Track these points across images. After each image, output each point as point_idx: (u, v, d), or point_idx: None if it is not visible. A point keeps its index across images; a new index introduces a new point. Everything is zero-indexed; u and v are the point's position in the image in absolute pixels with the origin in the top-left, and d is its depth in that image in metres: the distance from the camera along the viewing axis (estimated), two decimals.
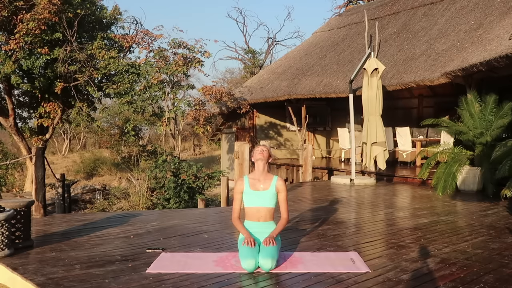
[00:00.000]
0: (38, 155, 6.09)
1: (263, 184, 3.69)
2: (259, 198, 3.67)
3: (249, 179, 3.73)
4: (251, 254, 3.33)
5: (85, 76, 10.17)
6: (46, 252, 3.90)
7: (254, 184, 3.69)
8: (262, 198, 3.67)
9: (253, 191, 3.67)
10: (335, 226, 5.05)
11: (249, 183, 3.71)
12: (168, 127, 12.59)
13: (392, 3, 13.41)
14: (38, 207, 5.73)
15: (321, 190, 8.40)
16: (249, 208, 3.69)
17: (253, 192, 3.67)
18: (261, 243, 3.50)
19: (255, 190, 3.67)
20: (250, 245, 3.40)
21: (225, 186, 10.27)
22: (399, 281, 3.14)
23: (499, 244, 4.18)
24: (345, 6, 22.65)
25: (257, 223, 3.67)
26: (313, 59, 13.78)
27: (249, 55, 28.25)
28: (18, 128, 11.78)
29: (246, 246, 3.40)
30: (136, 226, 5.10)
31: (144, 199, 12.40)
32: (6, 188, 14.70)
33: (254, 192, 3.67)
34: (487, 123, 7.54)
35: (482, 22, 9.36)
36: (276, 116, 14.92)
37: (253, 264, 3.30)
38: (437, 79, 8.81)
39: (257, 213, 3.67)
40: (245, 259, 3.32)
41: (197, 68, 11.23)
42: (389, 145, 10.86)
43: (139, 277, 3.23)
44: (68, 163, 23.76)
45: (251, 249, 3.38)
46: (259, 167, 3.71)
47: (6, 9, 9.41)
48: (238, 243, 3.63)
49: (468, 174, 7.59)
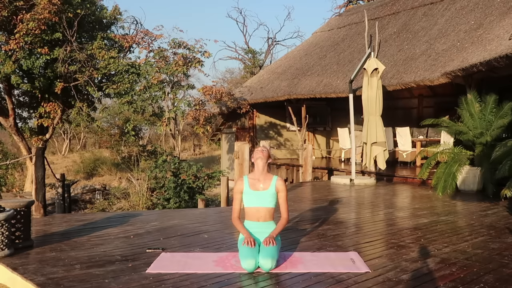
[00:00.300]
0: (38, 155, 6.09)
1: (262, 184, 3.68)
2: (259, 198, 3.66)
3: (249, 179, 3.72)
4: (251, 254, 3.33)
5: (85, 76, 10.17)
6: (46, 252, 3.90)
7: (254, 184, 3.69)
8: (261, 198, 3.66)
9: (253, 191, 3.67)
10: (335, 226, 5.05)
11: (249, 183, 3.70)
12: (168, 127, 12.59)
13: (392, 3, 13.41)
14: (38, 207, 5.73)
15: (321, 190, 8.40)
16: (249, 208, 3.69)
17: (253, 192, 3.67)
18: (261, 243, 3.50)
19: (255, 190, 3.67)
20: (250, 245, 3.40)
21: (225, 186, 10.27)
22: (399, 281, 3.14)
23: (499, 244, 4.18)
24: (345, 6, 22.65)
25: (257, 223, 3.67)
26: (313, 59, 13.78)
27: (249, 55, 28.25)
28: (18, 128, 11.78)
29: (246, 246, 3.40)
30: (136, 226, 5.10)
31: (144, 199, 12.40)
32: (6, 188, 14.70)
33: (253, 192, 3.67)
34: (487, 123, 7.54)
35: (482, 22, 9.36)
36: (276, 116, 14.92)
37: (253, 264, 3.30)
38: (437, 79, 8.81)
39: (257, 213, 3.67)
40: (245, 259, 3.32)
41: (197, 68, 11.24)
42: (389, 145, 10.86)
43: (139, 277, 3.23)
44: (68, 163, 23.77)
45: (251, 249, 3.38)
46: (258, 166, 3.71)
47: (6, 9, 9.41)
48: (238, 243, 3.62)
49: (468, 174, 7.59)
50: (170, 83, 11.29)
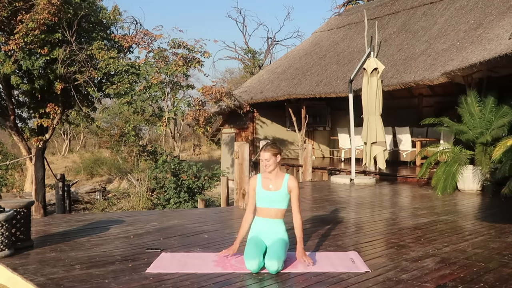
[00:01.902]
0: (38, 156, 6.08)
1: (273, 184, 3.58)
2: (269, 199, 3.56)
3: (262, 178, 3.64)
4: (254, 254, 3.31)
5: (85, 76, 10.18)
6: (46, 253, 3.90)
7: (266, 183, 3.60)
8: (272, 199, 3.56)
9: (264, 190, 3.58)
10: (335, 226, 5.04)
11: (262, 182, 3.62)
12: (168, 127, 12.59)
13: (392, 3, 13.41)
14: (38, 208, 5.72)
15: (321, 190, 8.40)
16: (260, 208, 3.62)
17: (264, 191, 3.58)
18: (269, 245, 3.46)
19: (266, 190, 3.58)
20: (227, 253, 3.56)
21: (225, 186, 10.27)
22: (399, 281, 3.14)
23: (499, 244, 4.17)
24: (345, 6, 22.64)
25: (266, 219, 3.58)
26: (313, 59, 13.78)
27: (248, 55, 28.24)
28: (18, 129, 11.79)
29: (250, 246, 3.39)
30: (136, 226, 5.10)
31: (144, 199, 12.39)
32: (6, 188, 14.71)
33: (265, 192, 3.58)
34: (487, 123, 7.54)
35: (482, 22, 9.36)
36: (276, 116, 14.91)
37: (256, 264, 3.27)
38: (437, 79, 8.81)
39: (268, 212, 3.59)
40: (248, 259, 3.30)
41: (197, 68, 11.25)
42: (389, 145, 10.86)
43: (139, 277, 3.23)
44: (68, 163, 23.77)
45: (255, 249, 3.35)
46: (267, 168, 3.58)
47: (6, 10, 9.41)
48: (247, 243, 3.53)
49: (468, 173, 7.59)
50: (170, 83, 11.29)
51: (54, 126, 11.58)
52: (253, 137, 14.74)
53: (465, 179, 7.63)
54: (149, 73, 10.69)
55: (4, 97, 11.45)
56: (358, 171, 9.81)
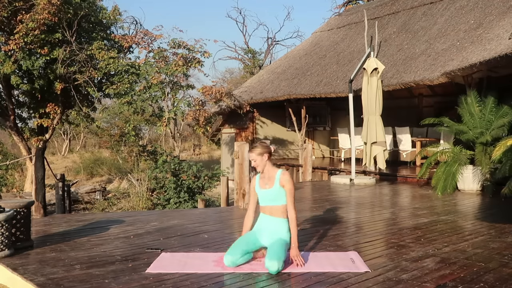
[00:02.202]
0: (38, 156, 6.08)
1: (268, 183, 3.63)
2: (267, 197, 3.62)
3: (260, 178, 3.71)
4: (234, 250, 3.43)
5: (85, 76, 10.18)
6: (46, 253, 3.90)
7: (262, 182, 3.67)
8: (268, 196, 3.61)
9: (262, 189, 3.65)
10: (335, 226, 5.04)
11: (259, 182, 3.69)
12: (168, 127, 12.60)
13: (392, 3, 13.41)
14: (38, 208, 5.72)
15: (321, 190, 8.40)
16: (261, 207, 3.69)
17: (262, 191, 3.65)
18: (268, 245, 3.50)
19: (263, 189, 3.65)
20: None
21: (225, 186, 10.27)
22: (399, 281, 3.14)
23: (499, 244, 4.17)
24: (345, 6, 22.64)
25: (269, 217, 3.62)
26: (313, 59, 13.78)
27: (248, 55, 28.25)
28: (18, 129, 11.79)
29: (237, 242, 3.51)
30: (136, 226, 5.10)
31: (144, 199, 12.39)
32: (6, 188, 14.71)
33: (262, 191, 3.65)
34: (487, 123, 7.54)
35: (482, 22, 9.36)
36: (276, 116, 14.91)
37: (229, 260, 3.39)
38: (436, 79, 8.81)
39: (269, 210, 3.64)
40: (226, 254, 3.44)
41: (197, 68, 11.24)
42: (389, 145, 10.86)
43: (139, 277, 3.23)
44: (68, 163, 23.77)
45: (238, 246, 3.45)
46: (257, 168, 3.68)
47: (6, 10, 9.41)
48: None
49: (468, 173, 7.59)
50: (170, 83, 11.29)
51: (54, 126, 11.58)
52: (253, 137, 14.74)
53: (465, 179, 7.63)
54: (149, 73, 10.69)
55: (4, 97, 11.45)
56: (358, 171, 9.81)
